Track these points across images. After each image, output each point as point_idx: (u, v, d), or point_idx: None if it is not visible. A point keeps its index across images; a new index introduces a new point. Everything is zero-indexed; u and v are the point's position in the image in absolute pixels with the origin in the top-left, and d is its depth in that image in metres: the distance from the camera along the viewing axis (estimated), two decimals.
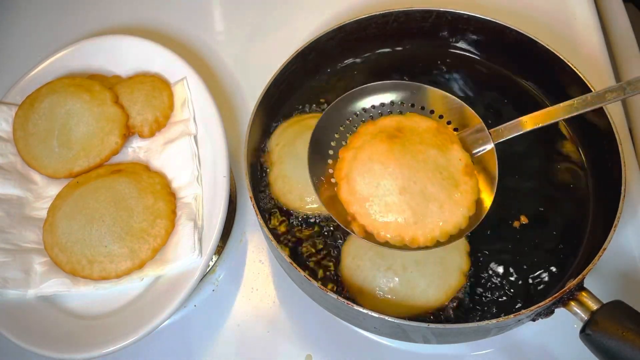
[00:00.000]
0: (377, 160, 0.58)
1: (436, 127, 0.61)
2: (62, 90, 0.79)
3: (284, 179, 0.75)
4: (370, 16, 0.82)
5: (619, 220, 0.63)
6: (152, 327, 0.66)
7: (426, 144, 0.59)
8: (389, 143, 0.59)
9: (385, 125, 0.61)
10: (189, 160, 0.77)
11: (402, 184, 0.57)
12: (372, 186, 0.58)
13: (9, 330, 0.67)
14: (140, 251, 0.71)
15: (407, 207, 0.57)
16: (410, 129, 0.60)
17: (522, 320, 0.63)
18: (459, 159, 0.60)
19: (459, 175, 0.59)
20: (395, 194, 0.57)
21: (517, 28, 0.79)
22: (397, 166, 0.57)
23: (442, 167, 0.58)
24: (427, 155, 0.58)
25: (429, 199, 0.57)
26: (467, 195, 0.59)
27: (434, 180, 0.58)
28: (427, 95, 0.66)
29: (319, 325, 0.75)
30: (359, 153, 0.60)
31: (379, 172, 0.58)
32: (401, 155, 0.58)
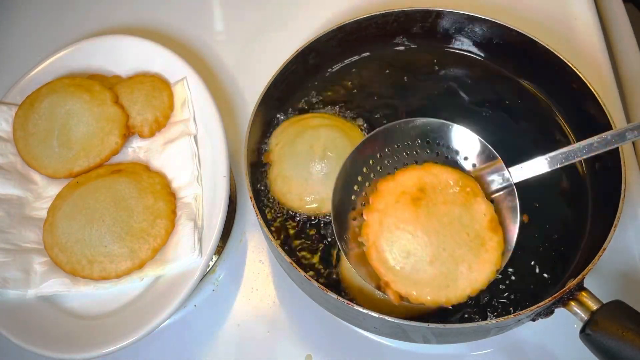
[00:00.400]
0: (403, 228, 0.58)
1: (457, 179, 0.60)
2: (62, 90, 0.79)
3: (283, 179, 0.75)
4: (370, 16, 0.83)
5: (619, 220, 0.63)
6: (152, 327, 0.66)
7: (450, 204, 0.59)
8: (413, 208, 0.58)
9: (406, 185, 0.60)
10: (189, 160, 0.77)
11: (432, 253, 0.58)
12: (401, 256, 0.58)
13: (9, 330, 0.67)
14: (140, 251, 0.71)
15: (439, 273, 0.58)
16: (432, 186, 0.60)
17: (522, 320, 0.62)
18: (483, 213, 0.60)
19: (485, 232, 0.60)
20: (426, 262, 0.58)
21: (517, 28, 0.79)
22: (425, 234, 0.58)
23: (467, 226, 0.59)
24: (452, 217, 0.59)
25: (459, 261, 0.58)
26: (493, 252, 0.60)
27: (461, 243, 0.58)
28: (448, 133, 0.65)
29: (319, 325, 0.75)
30: (384, 219, 0.59)
31: (407, 242, 0.58)
32: (427, 221, 0.58)
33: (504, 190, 0.63)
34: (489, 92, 0.83)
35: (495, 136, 0.78)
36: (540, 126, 0.80)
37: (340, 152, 0.74)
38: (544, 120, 0.80)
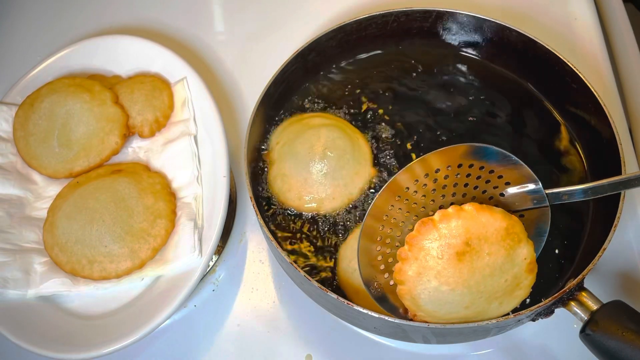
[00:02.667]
0: (444, 282, 0.57)
1: (506, 227, 0.58)
2: (62, 90, 0.79)
3: (283, 178, 0.75)
4: (370, 16, 0.83)
5: (619, 220, 0.63)
6: (152, 327, 0.66)
7: (495, 254, 0.57)
8: (457, 264, 0.56)
9: (450, 236, 0.57)
10: (189, 160, 0.77)
11: (469, 301, 0.58)
12: (438, 304, 0.58)
13: (9, 330, 0.67)
14: (141, 251, 0.71)
15: (472, 314, 0.59)
16: (478, 237, 0.57)
17: (522, 320, 0.62)
18: (524, 257, 0.59)
19: (522, 274, 0.59)
20: (461, 308, 0.58)
21: (517, 28, 0.79)
22: (466, 287, 0.57)
23: (507, 272, 0.58)
24: (494, 267, 0.57)
25: (491, 301, 0.59)
26: (526, 290, 0.60)
27: (498, 288, 0.58)
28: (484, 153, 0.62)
29: (319, 325, 0.75)
30: (423, 271, 0.57)
31: (447, 295, 0.57)
32: (470, 276, 0.57)
33: (536, 209, 0.63)
34: (489, 92, 0.83)
35: (494, 136, 0.79)
36: (540, 126, 0.80)
37: (340, 152, 0.75)
38: (543, 120, 0.80)
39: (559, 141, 0.79)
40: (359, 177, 0.75)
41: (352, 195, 0.75)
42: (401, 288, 0.59)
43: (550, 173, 0.76)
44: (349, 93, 0.84)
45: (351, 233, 0.72)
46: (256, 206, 0.68)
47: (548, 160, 0.77)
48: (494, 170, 0.63)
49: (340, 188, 0.74)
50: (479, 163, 0.62)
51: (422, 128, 0.80)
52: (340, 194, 0.74)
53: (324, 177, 0.74)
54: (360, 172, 0.75)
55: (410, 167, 0.61)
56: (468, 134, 0.79)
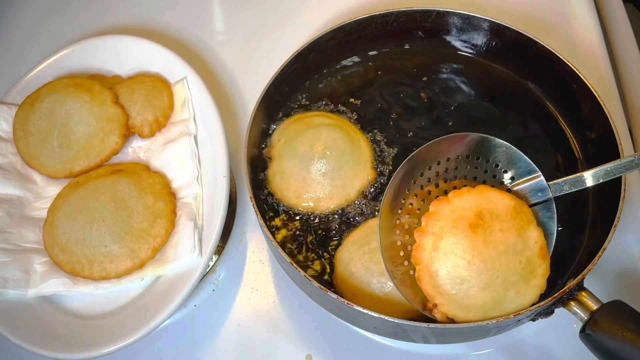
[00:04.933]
0: (460, 255, 0.58)
1: (514, 206, 0.60)
2: (62, 90, 0.79)
3: (282, 175, 0.76)
4: (370, 16, 0.83)
5: (619, 220, 0.63)
6: (152, 327, 0.66)
7: (507, 231, 0.59)
8: (471, 235, 0.58)
9: (463, 209, 0.60)
10: (189, 160, 0.77)
11: (486, 280, 0.58)
12: (455, 282, 0.59)
13: (9, 330, 0.67)
14: (140, 251, 0.71)
15: (489, 299, 0.59)
16: (489, 212, 0.59)
17: (522, 320, 0.62)
18: (535, 241, 0.60)
19: (535, 259, 0.60)
20: (479, 289, 0.59)
21: (517, 28, 0.79)
22: (482, 262, 0.58)
23: (520, 254, 0.59)
24: (508, 244, 0.59)
25: (509, 287, 0.59)
26: (541, 279, 0.61)
27: (514, 271, 0.59)
28: (488, 146, 0.65)
29: (319, 325, 0.75)
30: (439, 242, 0.59)
31: (463, 269, 0.58)
32: (484, 249, 0.58)
33: (541, 203, 0.64)
34: (489, 92, 0.83)
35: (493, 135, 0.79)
36: (540, 126, 0.80)
37: (340, 153, 0.75)
38: (543, 120, 0.80)
39: (558, 141, 0.79)
40: (358, 178, 0.75)
41: (350, 196, 0.75)
42: (419, 269, 0.60)
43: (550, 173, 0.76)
44: (349, 93, 0.84)
45: (347, 236, 0.72)
46: (256, 206, 0.68)
47: (548, 160, 0.77)
48: (499, 164, 0.65)
49: (338, 188, 0.74)
50: (485, 155, 0.65)
51: (422, 128, 0.80)
52: (338, 195, 0.74)
53: (322, 177, 0.74)
54: (359, 174, 0.75)
55: (423, 149, 0.63)
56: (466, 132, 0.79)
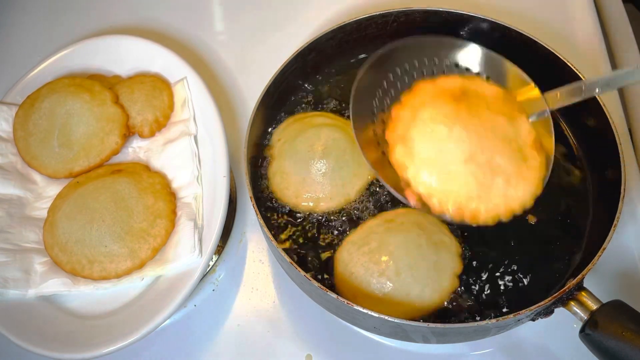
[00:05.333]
0: (441, 121, 0.51)
1: (503, 94, 0.54)
2: (62, 90, 0.79)
3: (282, 175, 0.76)
4: (370, 16, 0.83)
5: (618, 220, 0.63)
6: (152, 327, 0.66)
7: (494, 111, 0.52)
8: (454, 104, 0.51)
9: (447, 86, 0.53)
10: (189, 160, 0.77)
11: (469, 152, 0.51)
12: (433, 150, 0.51)
13: (9, 330, 0.67)
14: (141, 251, 0.71)
15: (473, 178, 0.51)
16: (475, 92, 0.53)
17: (522, 320, 0.63)
18: (527, 131, 0.54)
19: (528, 149, 0.53)
20: (459, 162, 0.51)
21: (517, 28, 0.79)
22: (464, 130, 0.51)
23: (510, 138, 0.52)
24: (496, 123, 0.51)
25: (496, 171, 0.51)
26: (535, 172, 0.53)
27: (502, 151, 0.51)
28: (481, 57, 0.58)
29: (319, 325, 0.75)
30: (419, 112, 0.53)
31: (443, 135, 0.51)
32: (468, 118, 0.51)
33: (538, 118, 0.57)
34: None
35: None
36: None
37: (340, 153, 0.75)
38: None
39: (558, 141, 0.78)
40: (358, 178, 0.75)
41: (350, 196, 0.75)
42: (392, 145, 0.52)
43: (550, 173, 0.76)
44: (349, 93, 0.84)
45: (346, 237, 0.72)
46: (256, 206, 0.68)
47: None
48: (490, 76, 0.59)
49: (337, 188, 0.74)
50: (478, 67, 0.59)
51: None
52: (338, 195, 0.74)
53: (322, 177, 0.74)
54: (359, 174, 0.75)
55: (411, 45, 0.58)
56: None
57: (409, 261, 0.67)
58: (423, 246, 0.67)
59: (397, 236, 0.68)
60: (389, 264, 0.67)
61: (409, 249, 0.67)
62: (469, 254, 0.70)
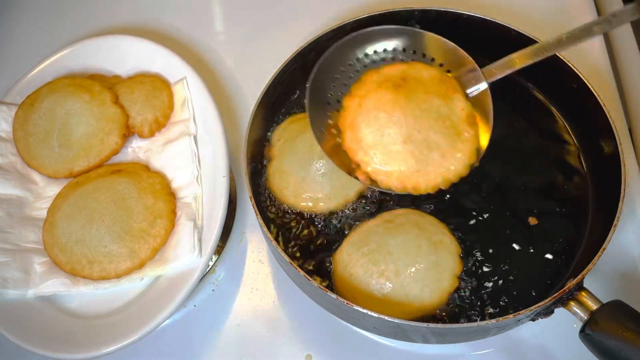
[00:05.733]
0: (382, 109, 0.60)
1: (439, 76, 0.62)
2: (62, 90, 0.79)
3: (281, 174, 0.76)
4: (370, 16, 0.82)
5: (618, 220, 0.63)
6: (152, 327, 0.66)
7: (430, 93, 0.60)
8: (394, 92, 0.60)
9: (389, 74, 0.62)
10: (189, 160, 0.77)
11: (407, 133, 0.59)
12: (377, 134, 0.59)
13: (9, 330, 0.67)
14: (140, 251, 0.71)
15: (411, 155, 0.59)
16: (414, 78, 0.61)
17: (522, 320, 0.63)
18: (461, 108, 0.61)
19: (461, 124, 0.61)
20: (399, 142, 0.59)
21: (517, 28, 0.79)
22: (402, 115, 0.59)
23: (444, 116, 0.60)
24: (431, 105, 0.60)
25: (432, 147, 0.59)
26: (468, 144, 0.61)
27: (436, 129, 0.59)
28: (423, 40, 0.67)
29: (319, 325, 0.75)
30: (364, 101, 0.61)
31: (384, 121, 0.59)
32: (406, 104, 0.59)
33: (479, 92, 0.65)
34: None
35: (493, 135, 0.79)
36: (540, 126, 0.80)
37: None
38: (544, 120, 0.80)
39: (558, 141, 0.78)
40: None
41: (349, 196, 0.74)
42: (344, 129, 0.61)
43: (550, 173, 0.76)
44: None
45: (346, 238, 0.72)
46: (256, 206, 0.68)
47: (548, 160, 0.77)
48: (435, 58, 0.67)
49: (337, 189, 0.74)
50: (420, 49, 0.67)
51: None
52: (337, 195, 0.74)
53: (321, 177, 0.74)
54: None
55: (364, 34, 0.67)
56: None
57: (408, 262, 0.67)
58: (422, 247, 0.68)
59: (396, 237, 0.68)
60: (388, 265, 0.67)
61: (408, 250, 0.67)
62: (468, 254, 0.70)
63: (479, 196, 0.74)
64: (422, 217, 0.72)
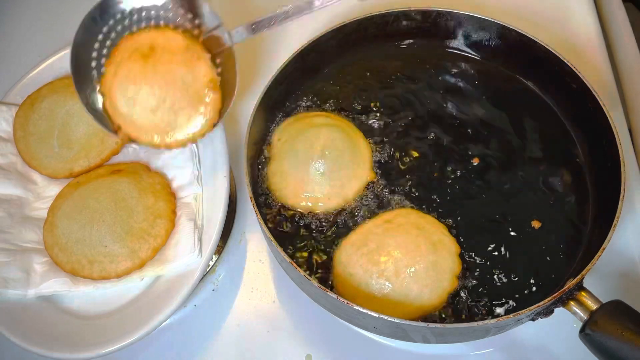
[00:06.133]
0: (132, 80, 0.67)
1: (186, 45, 0.69)
2: (62, 90, 0.79)
3: (281, 174, 0.76)
4: (370, 16, 0.83)
5: (618, 220, 0.63)
6: (152, 327, 0.66)
7: (175, 63, 0.68)
8: (142, 63, 0.67)
9: (140, 43, 0.69)
10: (189, 160, 0.77)
11: (155, 103, 0.67)
12: (129, 104, 0.68)
13: (9, 330, 0.67)
14: (141, 251, 0.71)
15: (160, 121, 0.68)
16: (162, 47, 0.68)
17: (522, 320, 0.63)
18: (203, 75, 0.68)
19: (204, 90, 0.68)
20: (149, 111, 0.67)
21: (517, 28, 0.79)
22: (149, 86, 0.67)
23: (188, 84, 0.68)
24: (176, 75, 0.67)
25: (178, 113, 0.68)
26: (210, 108, 0.69)
27: (181, 97, 0.67)
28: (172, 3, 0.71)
29: (319, 325, 0.75)
30: (118, 70, 0.68)
31: (134, 92, 0.67)
32: (152, 75, 0.67)
33: (226, 50, 0.71)
34: (489, 92, 0.83)
35: (494, 135, 0.79)
36: (540, 126, 0.80)
37: (339, 153, 0.75)
38: (544, 120, 0.80)
39: (558, 141, 0.79)
40: (356, 179, 0.75)
41: (348, 196, 0.75)
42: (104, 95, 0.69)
43: (550, 172, 0.76)
44: (349, 93, 0.84)
45: (345, 238, 0.72)
46: (256, 206, 0.68)
47: (547, 159, 0.77)
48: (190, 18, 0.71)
49: (336, 189, 0.74)
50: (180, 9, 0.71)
51: (421, 127, 0.80)
52: (336, 195, 0.74)
53: (321, 177, 0.74)
54: (358, 175, 0.75)
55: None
56: (468, 133, 0.79)
57: (407, 262, 0.67)
58: (422, 247, 0.68)
59: (395, 237, 0.68)
60: (387, 265, 0.67)
61: (407, 250, 0.67)
62: (468, 254, 0.70)
63: (479, 196, 0.74)
64: (422, 217, 0.72)
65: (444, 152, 0.78)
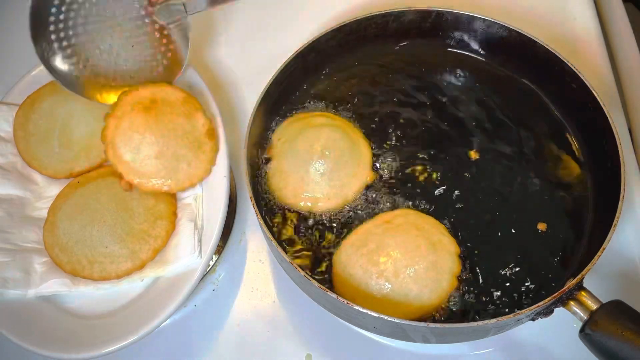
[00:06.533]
0: (135, 130, 0.71)
1: (184, 97, 0.74)
2: (62, 90, 0.79)
3: (281, 174, 0.76)
4: (370, 16, 0.83)
5: (618, 220, 0.63)
6: (152, 327, 0.66)
7: (176, 114, 0.73)
8: (145, 115, 0.71)
9: (141, 97, 0.73)
10: None
11: (158, 150, 0.71)
12: (133, 152, 0.71)
13: (9, 330, 0.67)
14: (141, 252, 0.71)
15: (163, 167, 0.72)
16: (162, 100, 0.73)
17: (522, 319, 0.63)
18: (202, 124, 0.74)
19: (202, 138, 0.74)
20: (152, 158, 0.71)
21: (517, 28, 0.79)
22: (152, 135, 0.71)
23: (188, 133, 0.73)
24: (176, 124, 0.73)
25: (180, 159, 0.73)
26: (209, 154, 0.75)
27: (182, 145, 0.72)
28: None
29: (319, 325, 0.75)
30: (120, 123, 0.72)
31: (138, 141, 0.71)
32: (155, 125, 0.71)
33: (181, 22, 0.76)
34: (489, 92, 0.83)
35: (494, 135, 0.79)
36: (540, 126, 0.80)
37: (339, 153, 0.75)
38: (543, 120, 0.80)
39: (558, 141, 0.78)
40: (356, 179, 0.75)
41: (348, 197, 0.75)
42: (106, 146, 0.72)
43: (550, 172, 0.76)
44: (349, 93, 0.84)
45: (345, 238, 0.72)
46: (256, 206, 0.68)
47: (547, 159, 0.77)
48: None
49: (336, 189, 0.74)
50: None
51: (421, 127, 0.80)
52: (336, 195, 0.74)
53: (320, 177, 0.74)
54: (358, 175, 0.75)
55: None
56: (468, 133, 0.79)
57: (407, 262, 0.67)
58: (421, 247, 0.68)
59: (395, 237, 0.68)
60: (387, 265, 0.67)
61: (407, 250, 0.67)
62: (467, 254, 0.70)
63: (478, 197, 0.74)
64: (421, 217, 0.72)
65: (444, 152, 0.78)
